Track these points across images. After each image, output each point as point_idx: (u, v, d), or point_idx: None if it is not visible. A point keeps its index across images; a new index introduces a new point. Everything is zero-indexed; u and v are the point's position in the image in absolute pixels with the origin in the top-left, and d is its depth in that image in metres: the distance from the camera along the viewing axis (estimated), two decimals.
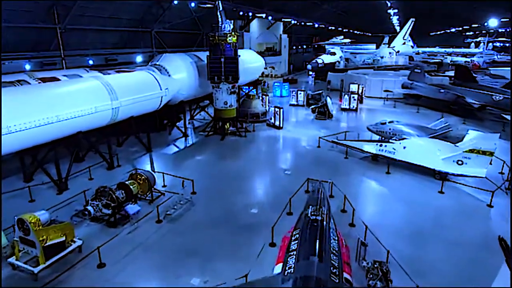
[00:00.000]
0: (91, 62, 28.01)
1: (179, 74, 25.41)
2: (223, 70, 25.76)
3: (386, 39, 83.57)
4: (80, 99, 15.67)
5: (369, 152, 21.69)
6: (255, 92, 37.99)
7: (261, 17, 49.11)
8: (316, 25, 64.42)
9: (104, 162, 20.82)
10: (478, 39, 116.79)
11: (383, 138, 24.53)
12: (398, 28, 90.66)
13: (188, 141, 26.66)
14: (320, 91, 39.75)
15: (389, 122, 24.22)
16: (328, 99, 33.51)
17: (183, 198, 16.21)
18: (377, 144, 21.36)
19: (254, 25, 56.60)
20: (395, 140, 20.81)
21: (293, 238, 11.28)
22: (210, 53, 26.11)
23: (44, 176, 17.92)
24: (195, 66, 26.99)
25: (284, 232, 12.61)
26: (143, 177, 15.83)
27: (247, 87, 38.24)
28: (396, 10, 55.66)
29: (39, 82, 16.37)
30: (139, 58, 32.56)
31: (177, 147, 25.31)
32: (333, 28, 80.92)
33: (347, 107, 37.29)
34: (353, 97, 37.18)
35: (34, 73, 20.40)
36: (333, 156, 23.01)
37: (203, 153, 23.74)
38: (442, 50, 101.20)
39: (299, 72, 74.08)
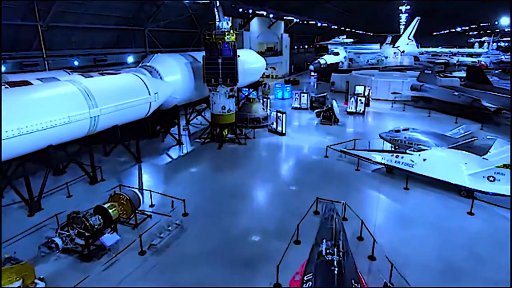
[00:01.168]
0: (76, 63, 25.67)
1: (172, 76, 23.10)
2: (221, 71, 23.47)
3: (389, 39, 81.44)
4: (50, 108, 13.35)
5: (383, 164, 19.42)
6: (255, 94, 35.72)
7: (262, 15, 46.78)
8: (319, 24, 61.95)
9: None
10: (482, 39, 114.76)
11: (397, 148, 22.25)
12: (402, 27, 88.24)
13: (182, 149, 24.35)
14: (325, 94, 37.50)
15: (404, 130, 21.88)
16: (334, 103, 31.21)
17: (172, 223, 13.89)
18: (392, 155, 19.05)
19: (254, 24, 54.32)
20: (413, 150, 18.51)
21: (304, 287, 9.02)
22: (207, 53, 23.81)
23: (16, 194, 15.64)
24: (190, 67, 24.69)
25: (291, 269, 10.42)
26: (125, 198, 13.53)
27: (246, 89, 35.92)
28: (408, 7, 53.26)
29: (6, 87, 14.10)
30: (130, 59, 30.22)
31: (170, 156, 22.98)
32: (335, 27, 78.49)
33: (354, 110, 34.97)
34: (360, 100, 34.86)
35: (7, 76, 18.09)
36: (342, 167, 20.71)
37: (198, 164, 21.44)
38: (446, 50, 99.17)
39: (300, 73, 71.81)
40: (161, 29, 34.69)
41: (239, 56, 24.16)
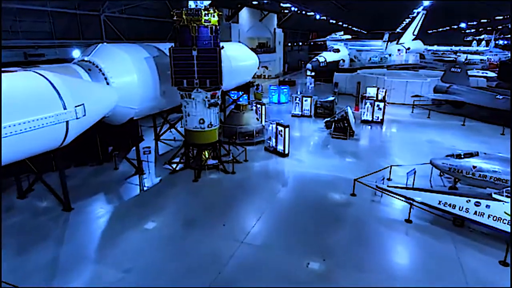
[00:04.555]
0: None
1: (124, 76, 15.57)
2: (197, 69, 16.08)
3: (386, 36, 75.44)
4: None
5: (449, 213, 12.35)
6: (246, 99, 28.23)
7: (252, 4, 39.39)
8: (318, 17, 54.91)
9: None
10: (481, 37, 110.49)
11: (457, 181, 15.22)
12: (405, 22, 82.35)
13: (142, 182, 16.79)
14: (333, 98, 30.37)
15: (466, 155, 14.77)
16: (349, 110, 24.08)
17: None
18: (468, 201, 11.94)
19: (244, 16, 46.96)
20: (508, 196, 11.41)
21: None
22: (176, 43, 16.42)
23: None
24: (153, 63, 17.17)
25: None
26: None
27: (235, 92, 28.58)
28: None
29: None
30: (76, 53, 22.37)
31: (121, 197, 15.42)
32: (334, 21, 71.70)
33: (370, 118, 27.95)
34: (378, 105, 27.85)
35: None
36: (382, 215, 13.50)
37: (160, 212, 13.89)
38: (446, 48, 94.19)
39: (294, 72, 64.76)
40: (125, 16, 27.04)
41: (223, 47, 16.77)
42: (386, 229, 12.52)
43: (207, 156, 18.16)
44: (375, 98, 30.35)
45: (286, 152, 19.98)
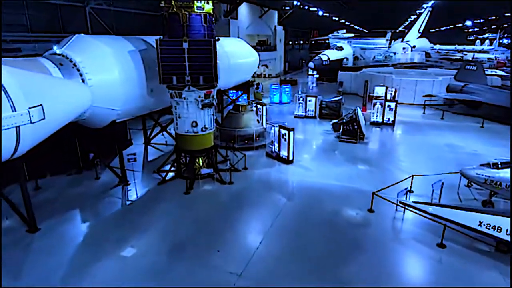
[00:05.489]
0: None
1: (104, 73, 13.41)
2: (188, 64, 13.89)
3: (388, 35, 73.36)
4: None
5: (494, 237, 10.19)
6: (245, 99, 25.97)
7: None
8: (320, 13, 52.77)
9: None
10: (485, 35, 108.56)
11: (492, 194, 13.04)
12: (409, 20, 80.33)
13: (126, 194, 14.57)
14: (339, 98, 28.16)
15: (504, 164, 12.58)
16: (359, 111, 21.90)
17: None
18: None
19: (243, 12, 44.78)
20: None
21: None
22: (164, 34, 14.23)
23: None
24: (139, 58, 14.99)
25: None
26: None
27: (234, 92, 26.36)
28: None
29: None
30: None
31: (98, 213, 13.16)
32: (336, 18, 69.55)
33: (380, 120, 25.77)
34: (389, 105, 25.66)
35: None
36: (409, 239, 11.27)
37: (142, 234, 11.61)
38: (451, 47, 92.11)
39: (295, 72, 62.58)
40: (113, 8, 24.80)
41: (218, 39, 14.58)
42: (415, 256, 10.34)
43: (201, 164, 15.95)
44: (384, 98, 28.26)
45: (291, 158, 17.79)
